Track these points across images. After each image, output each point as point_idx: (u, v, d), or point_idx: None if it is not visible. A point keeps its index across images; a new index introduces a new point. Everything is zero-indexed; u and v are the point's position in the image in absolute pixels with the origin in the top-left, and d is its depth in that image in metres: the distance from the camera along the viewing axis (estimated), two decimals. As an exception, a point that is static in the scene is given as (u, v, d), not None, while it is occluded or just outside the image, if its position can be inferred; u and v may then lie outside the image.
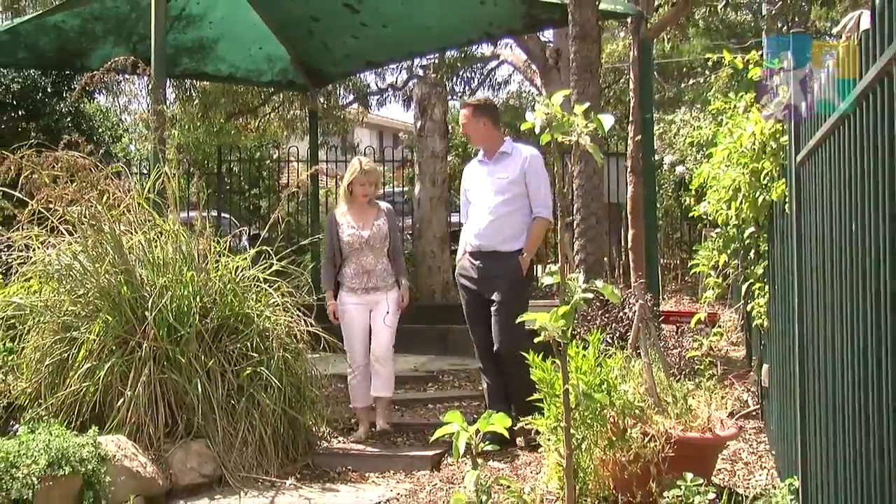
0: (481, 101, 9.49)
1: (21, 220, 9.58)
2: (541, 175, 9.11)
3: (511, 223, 8.95)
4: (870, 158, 3.72)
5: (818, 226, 5.05)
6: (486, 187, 9.15)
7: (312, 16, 15.57)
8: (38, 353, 9.10)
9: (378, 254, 9.51)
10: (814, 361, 5.33)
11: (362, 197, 9.51)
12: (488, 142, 9.21)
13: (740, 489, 7.60)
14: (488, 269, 8.99)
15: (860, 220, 3.90)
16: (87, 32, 14.54)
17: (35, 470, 7.69)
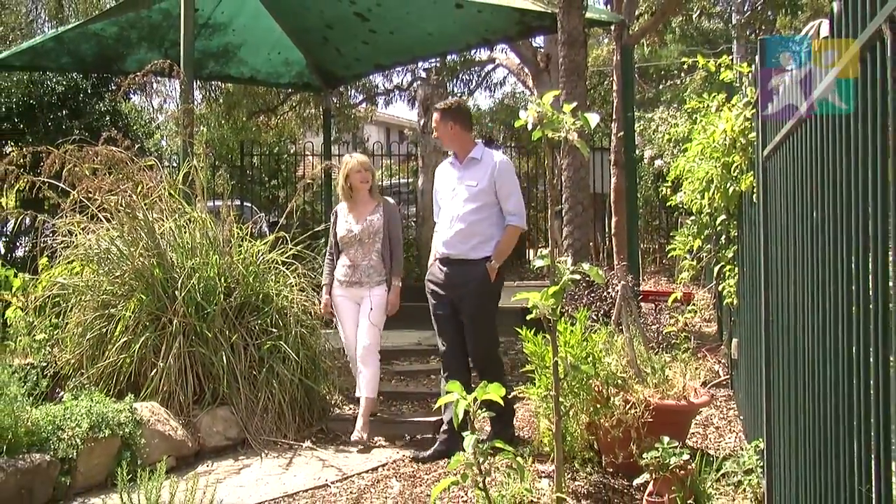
0: (451, 104, 8.65)
1: (64, 208, 9.63)
2: (511, 182, 8.35)
3: (480, 231, 8.17)
4: (827, 153, 3.75)
5: (782, 214, 5.07)
6: (455, 193, 8.38)
7: (327, 24, 15.57)
8: (79, 328, 9.15)
9: (367, 249, 9.00)
10: (778, 336, 5.35)
11: (362, 184, 9.07)
12: (459, 145, 8.49)
13: (712, 451, 7.62)
14: (456, 276, 8.24)
15: (820, 208, 3.92)
16: (124, 39, 14.55)
17: (78, 432, 7.74)
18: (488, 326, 8.19)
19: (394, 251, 9.15)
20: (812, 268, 4.12)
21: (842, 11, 3.45)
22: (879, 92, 2.93)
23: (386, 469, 8.06)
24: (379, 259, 9.05)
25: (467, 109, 8.91)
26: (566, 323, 7.21)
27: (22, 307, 9.55)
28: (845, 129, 3.43)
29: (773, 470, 5.65)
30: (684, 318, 9.14)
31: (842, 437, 3.57)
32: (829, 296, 3.78)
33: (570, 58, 11.12)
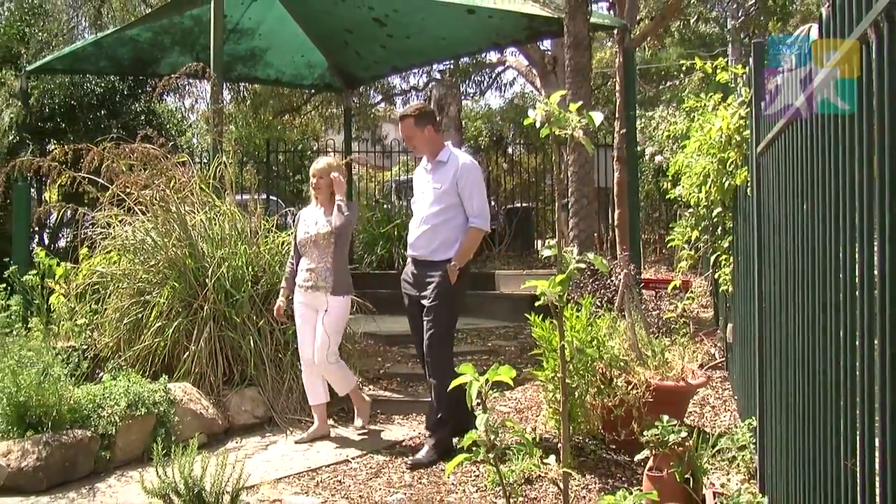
0: (421, 109, 8.13)
1: (103, 201, 9.68)
2: (474, 185, 7.80)
3: (443, 232, 7.75)
4: (817, 149, 3.76)
5: (775, 206, 5.08)
6: (424, 196, 8.00)
7: (347, 28, 15.57)
8: (117, 313, 9.20)
9: (322, 251, 8.31)
10: (770, 320, 5.36)
11: (314, 190, 8.47)
12: (431, 148, 8.01)
13: (708, 428, 7.64)
14: (422, 275, 7.86)
15: (810, 200, 3.93)
16: (158, 44, 14.57)
17: (117, 410, 7.80)
18: (442, 326, 7.78)
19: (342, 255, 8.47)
20: (802, 257, 4.13)
21: (830, 17, 3.46)
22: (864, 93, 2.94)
23: (403, 445, 8.10)
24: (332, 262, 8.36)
25: (434, 111, 8.66)
26: (572, 309, 7.23)
27: (64, 294, 9.60)
28: (833, 127, 3.44)
29: (765, 446, 5.66)
30: (683, 305, 9.14)
31: (829, 414, 3.59)
32: (818, 283, 3.79)
33: (576, 60, 11.11)
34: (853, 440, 3.20)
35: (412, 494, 6.84)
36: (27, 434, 7.63)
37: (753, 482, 6.04)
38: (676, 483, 5.84)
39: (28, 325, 8.50)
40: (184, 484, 6.28)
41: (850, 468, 3.25)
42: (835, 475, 3.49)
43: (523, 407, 8.56)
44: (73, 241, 11.19)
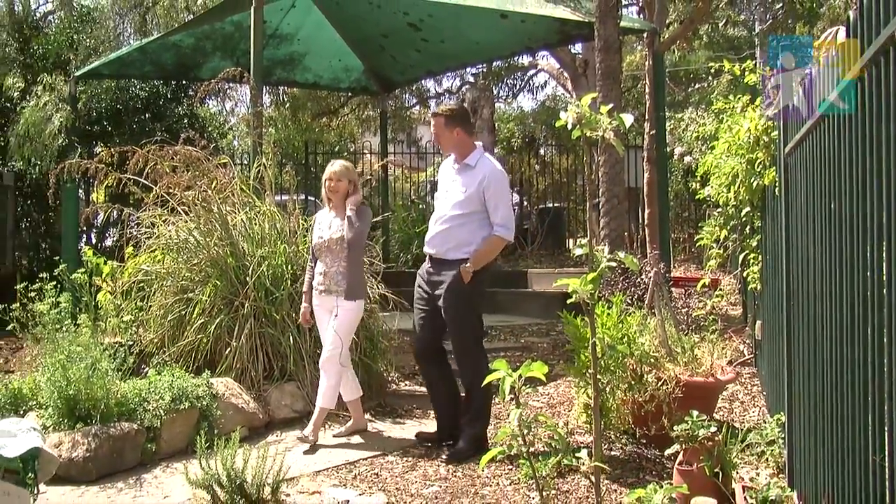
0: (454, 109, 7.94)
1: (147, 202, 9.75)
2: (499, 193, 7.59)
3: (461, 235, 7.57)
4: (844, 150, 3.74)
5: (803, 206, 5.05)
6: (448, 194, 7.80)
7: (383, 34, 15.61)
8: (161, 310, 9.26)
9: (335, 256, 8.11)
10: (798, 318, 5.34)
11: (330, 193, 8.26)
12: (460, 149, 7.78)
13: (737, 423, 7.61)
14: (436, 274, 7.70)
15: (838, 199, 3.91)
16: (200, 49, 14.65)
17: (162, 404, 7.85)
18: (467, 330, 7.66)
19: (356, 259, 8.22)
20: (830, 255, 4.11)
21: (857, 20, 3.44)
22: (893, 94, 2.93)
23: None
24: (346, 266, 8.13)
25: (468, 112, 8.35)
26: (603, 306, 7.22)
27: (111, 291, 9.66)
28: (859, 128, 3.43)
29: (794, 441, 5.64)
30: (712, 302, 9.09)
31: (857, 411, 3.57)
32: (846, 281, 3.77)
33: (606, 63, 11.10)
34: (881, 436, 3.18)
35: (447, 487, 6.85)
36: (77, 426, 7.70)
37: (782, 476, 6.02)
38: (706, 477, 5.83)
39: (77, 321, 8.55)
40: (226, 476, 6.31)
41: (878, 463, 3.23)
42: (863, 470, 3.47)
43: (555, 402, 8.55)
44: (119, 241, 11.25)
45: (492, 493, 6.66)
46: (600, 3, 11.10)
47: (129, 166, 9.77)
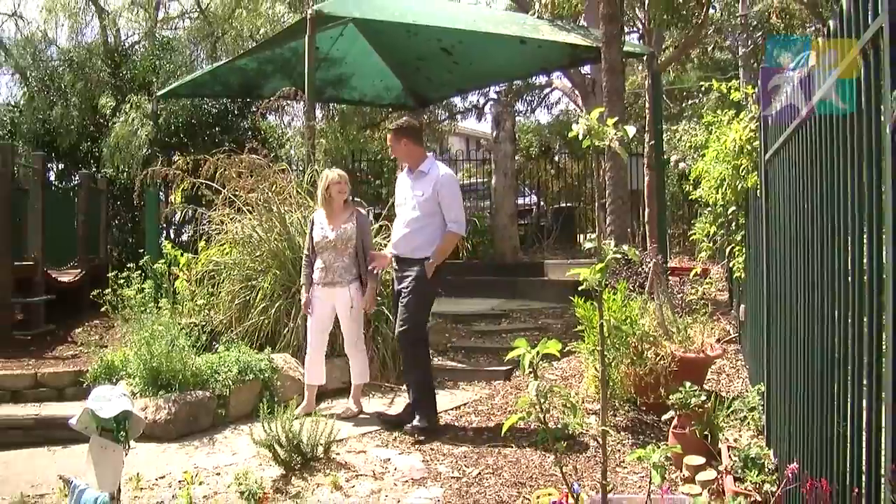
0: (401, 124, 7.82)
1: (217, 203, 9.82)
2: (452, 194, 7.47)
3: (422, 235, 7.45)
4: (815, 158, 3.76)
5: (780, 205, 5.06)
6: (407, 201, 7.67)
7: (419, 57, 15.63)
8: (229, 296, 9.34)
9: (340, 252, 7.91)
10: (776, 302, 5.35)
11: (339, 195, 8.00)
12: (411, 159, 7.70)
13: (724, 393, 7.61)
14: (402, 270, 7.56)
15: (810, 200, 3.93)
16: (262, 71, 14.71)
17: (230, 376, 7.92)
18: (412, 322, 7.42)
19: (366, 256, 8.00)
20: (804, 248, 4.13)
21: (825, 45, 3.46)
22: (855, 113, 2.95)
23: (467, 407, 8.11)
24: (351, 261, 7.96)
25: (415, 126, 8.00)
26: (609, 293, 7.23)
27: (186, 279, 9.75)
28: (827, 141, 3.45)
29: (771, 408, 5.65)
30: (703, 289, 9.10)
31: (825, 382, 3.59)
32: (816, 271, 3.79)
33: (612, 82, 11.09)
34: (844, 405, 3.21)
35: (475, 447, 6.88)
36: (160, 393, 7.81)
37: (761, 437, 6.03)
38: (697, 439, 5.86)
39: (158, 304, 8.63)
40: (285, 437, 6.38)
41: (841, 426, 3.25)
42: (829, 433, 3.49)
43: (568, 375, 8.56)
44: (193, 236, 11.36)
45: (512, 453, 6.69)
46: (606, 31, 11.09)
47: (202, 172, 9.87)
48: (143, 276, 8.91)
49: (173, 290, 9.41)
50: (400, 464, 6.54)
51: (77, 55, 19.18)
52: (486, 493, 5.92)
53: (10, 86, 48.84)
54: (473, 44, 14.26)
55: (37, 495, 6.30)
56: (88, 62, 18.68)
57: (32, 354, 10.39)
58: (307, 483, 6.17)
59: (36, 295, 11.95)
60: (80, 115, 17.67)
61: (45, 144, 17.47)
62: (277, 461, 6.40)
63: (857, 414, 3.05)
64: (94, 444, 4.39)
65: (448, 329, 11.11)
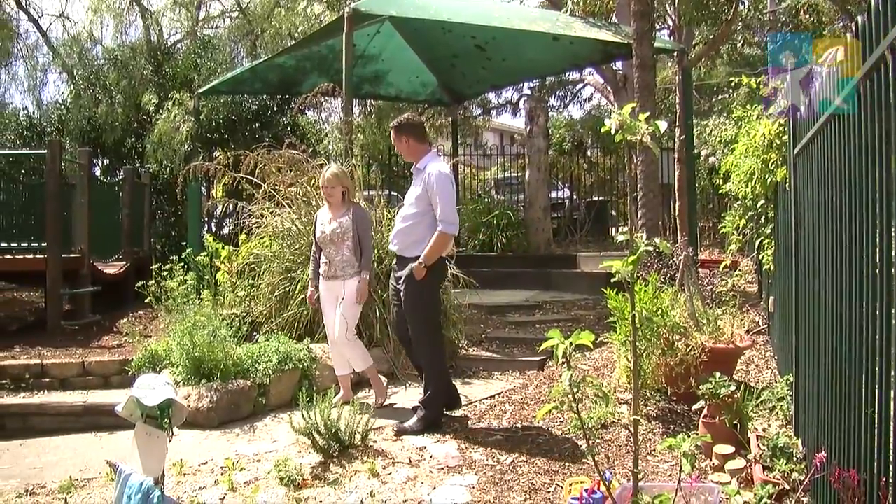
0: (402, 121, 7.61)
1: (257, 197, 9.88)
2: (442, 192, 7.12)
3: (413, 233, 7.26)
4: (844, 152, 3.73)
5: (809, 198, 5.03)
6: (407, 196, 7.55)
7: (453, 54, 15.62)
8: (269, 287, 9.39)
9: (338, 247, 7.83)
10: (805, 293, 5.32)
11: (329, 197, 7.96)
12: (413, 155, 7.49)
13: (753, 383, 7.57)
14: (399, 270, 7.38)
15: (839, 194, 3.90)
16: (300, 68, 14.74)
17: (270, 365, 7.97)
18: (420, 321, 7.30)
19: (363, 249, 7.85)
20: (833, 240, 4.10)
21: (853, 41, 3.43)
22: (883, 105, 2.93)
23: (501, 396, 8.12)
24: (351, 255, 7.83)
25: (417, 122, 7.74)
26: (641, 284, 7.21)
27: (228, 271, 9.81)
28: (857, 133, 3.42)
29: (800, 398, 5.62)
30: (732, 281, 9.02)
31: (853, 371, 3.57)
32: (845, 263, 3.76)
33: (643, 78, 11.05)
34: (872, 393, 3.19)
35: (509, 436, 6.89)
36: (202, 382, 7.89)
37: (790, 427, 5.99)
38: (726, 428, 5.83)
39: (200, 296, 8.69)
40: (323, 425, 6.41)
41: (868, 415, 3.24)
42: (856, 421, 3.47)
43: (600, 365, 8.55)
44: (234, 229, 11.42)
45: (546, 441, 6.69)
46: (637, 28, 11.05)
47: (242, 167, 9.93)
48: (185, 268, 8.98)
49: (215, 281, 9.48)
50: (435, 451, 6.56)
51: (121, 54, 19.37)
52: (519, 480, 5.93)
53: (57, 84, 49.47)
54: (507, 41, 14.23)
55: (85, 479, 6.38)
56: (132, 61, 18.86)
57: (79, 344, 10.52)
58: (345, 470, 6.21)
59: (83, 286, 12.09)
60: (124, 112, 17.84)
61: (90, 141, 17.66)
62: (316, 448, 6.44)
63: (886, 404, 3.03)
64: (139, 430, 4.43)
65: (483, 320, 11.14)
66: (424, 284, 7.15)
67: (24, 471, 6.91)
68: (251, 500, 5.69)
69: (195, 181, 12.64)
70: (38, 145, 18.03)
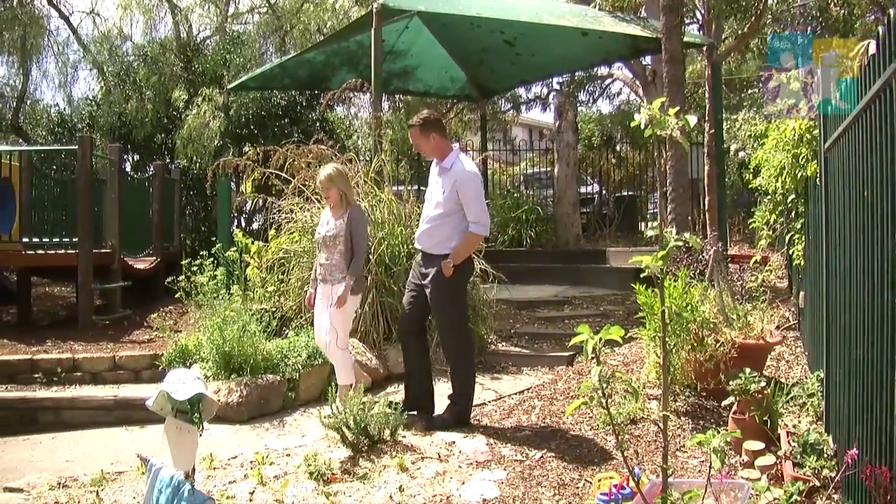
0: (426, 117, 7.35)
1: (287, 192, 9.91)
2: (471, 193, 7.01)
3: (441, 232, 7.11)
4: (876, 146, 3.71)
5: (840, 193, 5.00)
6: (432, 196, 7.32)
7: (482, 49, 15.61)
8: (299, 282, 9.43)
9: (330, 250, 7.59)
10: (835, 289, 5.29)
11: (327, 199, 7.77)
12: (439, 153, 7.30)
13: (783, 379, 7.54)
14: (425, 267, 7.23)
15: (871, 188, 3.88)
16: (329, 64, 14.77)
17: (299, 360, 8.02)
18: (446, 318, 7.25)
19: (355, 252, 7.54)
20: (864, 235, 4.08)
21: (885, 34, 3.41)
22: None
23: (530, 392, 8.12)
24: (341, 259, 7.56)
25: (440, 119, 7.57)
26: (670, 280, 7.19)
27: (257, 267, 9.85)
28: (889, 128, 3.40)
29: (830, 394, 5.59)
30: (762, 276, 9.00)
31: (884, 368, 3.55)
32: (876, 258, 3.74)
33: (672, 72, 11.00)
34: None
35: (538, 431, 6.88)
36: (231, 377, 7.95)
37: (820, 424, 5.96)
38: (756, 424, 5.81)
39: (230, 291, 8.74)
40: (353, 420, 6.43)
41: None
42: (888, 418, 3.46)
43: (629, 361, 8.53)
44: (263, 224, 11.49)
45: (575, 437, 6.68)
46: (666, 22, 11.00)
47: (272, 163, 9.98)
48: (215, 263, 9.03)
49: (244, 277, 9.52)
50: (464, 446, 6.57)
51: (151, 50, 19.48)
52: (548, 475, 5.93)
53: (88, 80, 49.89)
54: (536, 36, 14.21)
55: (116, 472, 6.43)
56: (162, 57, 18.96)
57: (110, 338, 10.62)
58: (374, 465, 6.22)
59: (113, 281, 12.19)
60: (154, 108, 17.94)
61: (121, 136, 17.78)
62: (345, 443, 6.46)
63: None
64: (169, 424, 4.46)
65: (512, 315, 11.13)
66: (452, 282, 7.08)
67: (57, 464, 6.98)
68: (280, 494, 5.71)
69: (225, 177, 12.69)
70: (68, 141, 18.14)
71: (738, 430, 5.47)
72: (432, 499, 5.60)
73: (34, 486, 6.12)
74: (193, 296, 8.92)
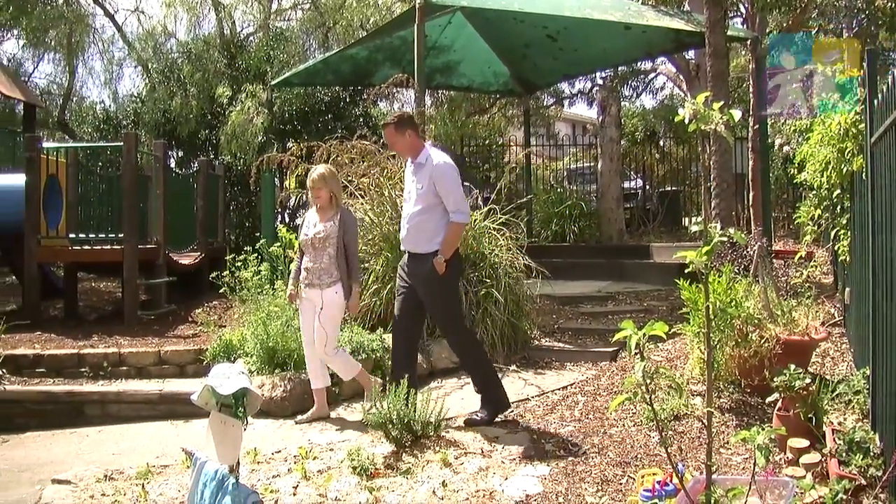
0: (400, 116, 7.40)
1: (330, 188, 9.94)
2: (448, 183, 7.02)
3: (425, 229, 7.08)
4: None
5: (886, 188, 4.96)
6: (409, 195, 7.32)
7: (525, 44, 15.61)
8: (341, 277, 9.44)
9: (318, 253, 7.52)
10: (882, 285, 5.25)
11: (315, 199, 7.68)
12: (413, 151, 7.27)
13: (828, 376, 7.47)
14: (411, 267, 7.22)
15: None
16: (372, 60, 14.84)
17: (343, 355, 8.01)
18: (445, 314, 7.34)
19: (349, 257, 7.59)
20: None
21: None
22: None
23: (574, 387, 8.12)
24: (330, 263, 7.51)
25: (413, 116, 7.62)
26: (715, 275, 7.16)
27: (301, 262, 9.90)
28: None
29: (877, 391, 5.54)
30: (807, 272, 8.92)
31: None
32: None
33: (716, 67, 10.94)
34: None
35: (581, 427, 6.89)
36: (275, 372, 8.02)
37: (866, 421, 5.92)
38: (801, 421, 5.78)
39: (274, 286, 8.80)
40: (396, 415, 6.46)
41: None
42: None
43: (673, 357, 8.50)
44: (306, 220, 11.55)
45: (618, 433, 6.67)
46: (710, 16, 10.94)
47: (315, 158, 10.01)
48: (259, 258, 9.10)
49: (288, 272, 9.58)
50: (507, 442, 6.59)
51: (195, 47, 19.67)
52: (591, 471, 5.93)
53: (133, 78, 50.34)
54: (578, 30, 14.20)
55: (161, 466, 6.51)
56: (206, 54, 19.14)
57: (155, 333, 10.72)
58: (417, 460, 6.25)
59: (158, 277, 12.32)
60: (198, 105, 18.10)
61: (165, 133, 17.96)
62: (389, 438, 6.50)
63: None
64: (213, 419, 4.50)
65: (555, 310, 11.13)
66: (444, 278, 7.09)
67: (103, 457, 7.07)
68: (324, 489, 5.76)
69: (268, 172, 12.77)
70: (114, 138, 18.33)
71: (783, 428, 5.43)
72: (475, 494, 5.62)
73: (81, 479, 6.21)
74: (237, 291, 9.00)
